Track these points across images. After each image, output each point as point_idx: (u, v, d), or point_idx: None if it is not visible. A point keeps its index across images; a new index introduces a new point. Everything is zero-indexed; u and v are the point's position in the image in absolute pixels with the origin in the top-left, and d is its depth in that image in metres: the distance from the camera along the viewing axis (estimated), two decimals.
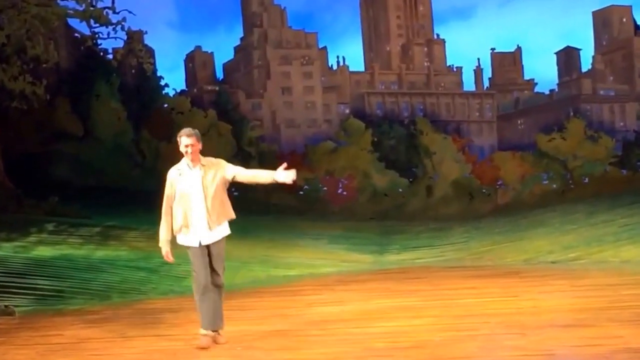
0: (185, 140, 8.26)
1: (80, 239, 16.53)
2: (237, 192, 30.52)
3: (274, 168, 8.25)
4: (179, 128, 8.79)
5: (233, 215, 8.45)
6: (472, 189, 37.14)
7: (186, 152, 8.31)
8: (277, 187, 31.15)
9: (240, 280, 14.24)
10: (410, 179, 39.05)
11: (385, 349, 7.35)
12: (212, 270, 8.34)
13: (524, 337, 7.35)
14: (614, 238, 15.64)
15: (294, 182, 8.34)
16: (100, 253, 14.99)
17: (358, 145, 38.49)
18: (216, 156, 8.87)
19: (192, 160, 8.33)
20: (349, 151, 37.94)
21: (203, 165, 8.40)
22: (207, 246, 8.35)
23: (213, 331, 8.27)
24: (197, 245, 8.31)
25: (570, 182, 34.77)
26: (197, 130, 8.43)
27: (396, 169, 39.23)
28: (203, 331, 8.23)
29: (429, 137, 39.79)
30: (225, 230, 8.46)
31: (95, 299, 12.27)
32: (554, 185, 34.68)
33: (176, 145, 8.33)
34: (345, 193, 36.47)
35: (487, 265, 13.77)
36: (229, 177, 8.48)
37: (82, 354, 7.94)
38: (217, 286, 8.37)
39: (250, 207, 25.33)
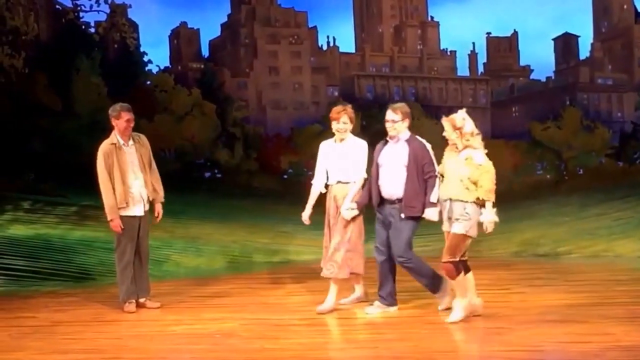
0: (127, 115, 8.65)
1: (56, 219, 16.23)
2: (220, 175, 30.22)
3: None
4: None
5: None
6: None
7: (127, 127, 8.65)
8: (259, 170, 31.00)
9: (220, 265, 14.05)
10: None
11: (368, 341, 7.16)
12: (142, 238, 8.79)
13: (512, 331, 7.15)
14: (607, 232, 15.42)
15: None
16: (77, 234, 14.67)
17: None
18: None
19: (127, 135, 8.69)
20: None
21: (136, 141, 8.80)
22: (140, 217, 8.76)
23: (140, 299, 8.90)
24: (136, 215, 8.70)
25: (564, 173, 34.39)
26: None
27: None
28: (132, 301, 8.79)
29: (420, 123, 39.40)
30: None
31: (70, 281, 12.04)
32: (548, 176, 34.31)
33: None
34: None
35: (476, 257, 13.58)
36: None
37: (55, 337, 7.76)
38: (145, 252, 8.86)
39: (231, 191, 24.97)
